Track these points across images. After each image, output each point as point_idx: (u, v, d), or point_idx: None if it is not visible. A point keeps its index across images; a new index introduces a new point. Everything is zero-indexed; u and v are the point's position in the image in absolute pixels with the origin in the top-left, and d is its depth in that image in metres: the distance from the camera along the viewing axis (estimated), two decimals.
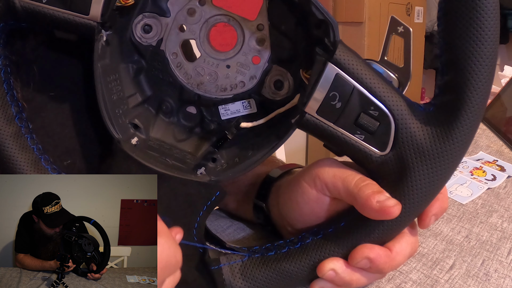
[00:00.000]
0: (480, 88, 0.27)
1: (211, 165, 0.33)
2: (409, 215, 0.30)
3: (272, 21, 0.32)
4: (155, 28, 0.33)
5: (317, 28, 0.30)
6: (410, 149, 0.28)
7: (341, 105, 0.28)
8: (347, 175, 0.31)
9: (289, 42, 0.32)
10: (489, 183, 0.61)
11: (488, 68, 0.26)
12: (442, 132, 0.28)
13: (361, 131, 0.29)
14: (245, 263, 0.32)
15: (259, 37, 0.32)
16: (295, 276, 0.32)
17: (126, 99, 0.33)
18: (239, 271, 0.32)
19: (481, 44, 0.26)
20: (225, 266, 0.32)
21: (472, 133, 0.28)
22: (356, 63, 0.28)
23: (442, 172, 0.29)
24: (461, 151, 0.28)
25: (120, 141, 0.31)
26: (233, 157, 0.33)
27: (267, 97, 0.34)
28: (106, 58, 0.31)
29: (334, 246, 0.31)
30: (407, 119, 0.28)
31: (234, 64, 0.33)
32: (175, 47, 0.33)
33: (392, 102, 0.28)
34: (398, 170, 0.29)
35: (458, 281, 0.40)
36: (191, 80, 0.34)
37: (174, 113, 0.35)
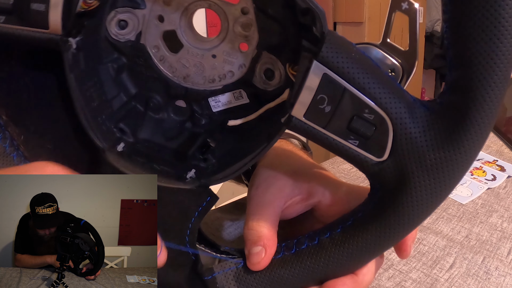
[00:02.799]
0: (496, 90, 0.23)
1: (202, 165, 0.31)
2: (408, 227, 0.27)
3: (257, 3, 0.29)
4: (131, 22, 0.30)
5: (303, 14, 0.26)
6: (410, 156, 0.25)
7: (330, 109, 0.25)
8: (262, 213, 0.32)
9: (277, 26, 0.29)
10: (489, 183, 0.61)
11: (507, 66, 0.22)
12: (448, 139, 0.24)
13: (355, 136, 0.26)
14: (239, 270, 0.31)
15: (245, 22, 0.29)
16: (289, 283, 0.31)
17: (109, 102, 0.31)
18: (233, 278, 0.31)
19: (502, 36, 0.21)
20: (219, 275, 0.31)
21: (482, 141, 0.24)
22: (347, 60, 0.24)
23: (446, 184, 0.25)
24: (468, 161, 0.25)
25: (105, 151, 0.29)
26: (224, 155, 0.32)
27: (258, 87, 0.31)
28: (80, 65, 0.28)
29: (329, 254, 0.30)
30: (407, 122, 0.25)
31: (220, 53, 0.30)
32: (155, 39, 0.30)
33: (389, 104, 0.25)
34: (397, 179, 0.26)
35: (458, 280, 0.40)
36: (176, 73, 0.31)
37: (163, 109, 0.33)
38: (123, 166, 0.30)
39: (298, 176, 0.34)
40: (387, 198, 0.27)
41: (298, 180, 0.34)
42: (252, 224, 0.32)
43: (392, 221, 0.27)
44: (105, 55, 0.31)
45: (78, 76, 0.28)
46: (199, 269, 0.31)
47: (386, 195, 0.27)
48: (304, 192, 0.34)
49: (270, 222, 0.32)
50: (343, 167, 0.67)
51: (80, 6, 0.26)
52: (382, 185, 0.27)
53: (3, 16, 0.25)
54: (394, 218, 0.27)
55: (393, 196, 0.27)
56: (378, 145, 0.25)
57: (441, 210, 0.53)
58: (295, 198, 0.34)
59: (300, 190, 0.34)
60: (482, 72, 0.22)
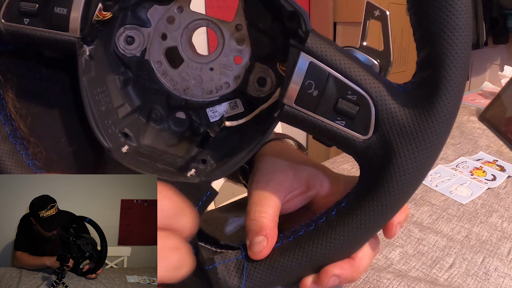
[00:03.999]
0: (458, 60, 0.26)
1: (201, 167, 0.33)
2: (399, 199, 0.29)
3: (249, 20, 0.32)
4: (138, 39, 0.34)
5: (290, 20, 0.30)
6: (393, 130, 0.28)
7: (318, 93, 0.28)
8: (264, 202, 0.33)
9: (267, 39, 0.33)
10: (489, 183, 0.61)
11: (464, 38, 0.25)
12: (424, 110, 0.27)
13: (341, 117, 0.28)
14: (239, 260, 0.32)
15: (239, 37, 0.33)
16: (290, 271, 0.31)
17: (115, 110, 0.33)
18: (234, 269, 0.32)
19: (454, 13, 0.25)
20: (220, 265, 0.32)
21: (454, 108, 0.27)
22: (329, 50, 0.28)
23: (428, 152, 0.28)
24: (445, 129, 0.27)
25: (110, 150, 0.31)
26: (222, 157, 0.33)
27: (252, 95, 0.34)
28: (91, 72, 0.31)
29: (326, 236, 0.31)
30: (386, 100, 0.28)
31: (217, 66, 0.34)
32: (159, 55, 0.34)
33: (369, 84, 0.28)
34: (383, 153, 0.28)
35: (457, 280, 0.40)
36: (177, 86, 0.34)
37: (164, 120, 0.35)
38: (128, 163, 0.31)
39: (296, 170, 0.35)
40: (376, 174, 0.29)
41: (296, 174, 0.35)
42: (254, 215, 0.33)
43: (383, 195, 0.29)
44: (113, 67, 0.34)
45: (89, 81, 0.31)
46: (200, 260, 0.32)
47: (375, 171, 0.29)
48: (302, 185, 0.35)
49: (271, 214, 0.33)
50: (343, 167, 0.67)
51: (96, 15, 0.30)
52: (370, 163, 0.29)
53: (27, 19, 0.29)
54: (384, 192, 0.29)
55: (381, 171, 0.29)
56: (363, 123, 0.28)
57: (441, 210, 0.53)
58: (294, 192, 0.35)
59: (299, 184, 0.35)
60: (444, 45, 0.25)
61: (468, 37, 0.26)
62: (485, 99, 1.08)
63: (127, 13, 0.33)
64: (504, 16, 2.28)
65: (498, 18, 2.28)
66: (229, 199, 0.72)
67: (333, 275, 0.31)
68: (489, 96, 1.07)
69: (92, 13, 0.29)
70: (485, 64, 2.61)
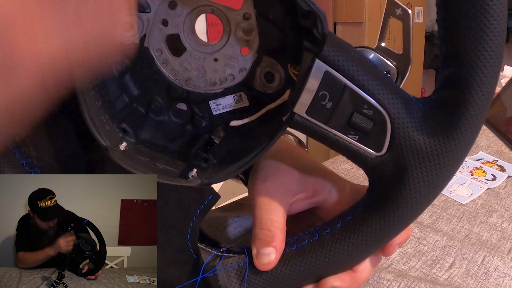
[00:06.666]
0: (486, 84, 0.24)
1: (204, 165, 0.32)
2: (407, 219, 0.29)
3: (258, 9, 0.30)
4: (136, 24, 0.31)
5: (304, 18, 0.28)
6: (408, 150, 0.27)
7: (332, 105, 0.26)
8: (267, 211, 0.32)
9: (278, 31, 0.30)
10: (489, 183, 0.61)
11: (495, 62, 0.24)
12: (443, 132, 0.26)
13: (355, 132, 0.27)
14: (241, 267, 0.32)
15: (246, 27, 0.30)
16: (291, 280, 0.31)
17: (112, 102, 0.32)
18: (235, 276, 0.32)
19: (490, 34, 0.23)
20: (221, 272, 0.31)
21: (475, 133, 0.26)
22: (347, 58, 0.26)
23: (442, 175, 0.27)
24: (462, 153, 0.26)
25: (108, 149, 0.30)
26: (225, 155, 0.32)
27: (258, 90, 0.32)
28: None
29: (330, 249, 0.30)
30: (404, 118, 0.26)
31: (221, 57, 0.31)
32: (159, 43, 0.32)
33: (387, 100, 0.26)
34: (395, 172, 0.27)
35: (457, 280, 0.40)
36: (178, 76, 0.32)
37: (164, 111, 0.33)
38: (126, 164, 0.30)
39: (303, 173, 0.34)
40: (385, 191, 0.28)
41: (303, 177, 0.34)
42: (266, 224, 0.31)
43: (391, 213, 0.28)
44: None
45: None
46: (201, 267, 0.31)
47: (385, 188, 0.28)
48: (309, 189, 0.34)
49: (282, 223, 0.32)
50: (343, 167, 0.67)
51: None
52: (380, 180, 0.28)
53: None
54: (393, 211, 0.28)
55: (391, 189, 0.28)
56: (377, 139, 0.27)
57: (441, 210, 0.53)
58: (300, 195, 0.34)
59: (305, 188, 0.34)
60: (473, 67, 0.24)
61: (499, 61, 0.24)
62: None
63: None
64: None
65: None
66: (229, 199, 0.72)
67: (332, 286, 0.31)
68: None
69: None
70: None
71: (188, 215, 0.31)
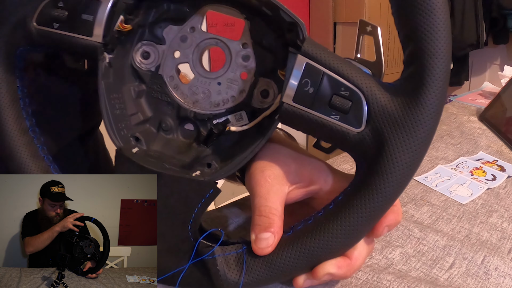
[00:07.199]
0: (439, 52, 0.28)
1: (206, 170, 0.35)
2: (394, 187, 0.30)
3: (254, 38, 0.36)
4: (153, 54, 0.37)
5: (289, 32, 0.33)
6: (384, 120, 0.30)
7: (313, 90, 0.31)
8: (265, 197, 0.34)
9: (271, 55, 0.36)
10: (489, 183, 0.61)
11: (442, 33, 0.28)
12: (412, 101, 0.29)
13: (336, 112, 0.31)
14: (239, 254, 0.33)
15: (245, 54, 0.36)
16: (289, 266, 0.32)
17: (128, 117, 0.36)
18: (234, 262, 0.33)
19: (432, 12, 0.28)
20: (220, 257, 0.33)
21: (440, 98, 0.29)
22: (323, 52, 0.31)
23: (417, 140, 0.30)
24: (432, 117, 0.29)
25: (121, 149, 0.34)
26: (225, 161, 0.35)
27: (256, 107, 0.37)
28: (109, 78, 0.34)
29: (325, 229, 0.32)
30: (376, 94, 0.30)
31: (224, 80, 0.37)
32: (171, 71, 0.37)
33: (360, 81, 0.30)
34: (376, 144, 0.30)
35: (457, 280, 0.40)
36: (187, 99, 0.37)
37: (174, 130, 0.38)
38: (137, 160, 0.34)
39: (298, 164, 0.36)
40: (369, 166, 0.31)
41: (299, 168, 0.36)
42: (265, 211, 0.33)
43: (377, 187, 0.30)
44: (128, 79, 0.37)
45: (107, 85, 0.34)
46: (200, 250, 0.33)
47: (369, 163, 0.31)
48: (305, 179, 0.36)
49: (281, 211, 0.34)
50: (343, 167, 0.67)
51: (118, 25, 0.34)
52: (364, 155, 0.31)
53: (57, 24, 0.32)
54: (379, 181, 0.30)
55: (374, 162, 0.30)
56: (356, 116, 0.31)
57: (441, 210, 0.53)
58: (296, 185, 0.35)
59: (301, 177, 0.36)
60: (425, 40, 0.28)
61: (447, 31, 0.29)
62: (485, 99, 1.08)
63: (145, 30, 0.37)
64: (504, 16, 2.28)
65: (498, 18, 2.28)
66: (229, 199, 0.72)
67: (327, 273, 0.32)
68: (489, 96, 1.07)
69: (114, 23, 0.33)
70: (485, 64, 2.61)
71: (190, 206, 0.33)
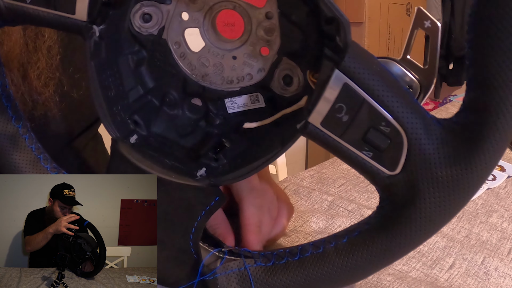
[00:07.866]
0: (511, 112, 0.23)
1: (213, 165, 0.32)
2: (415, 242, 0.28)
3: (282, 9, 0.29)
4: (155, 16, 0.30)
5: (327, 23, 0.26)
6: (423, 172, 0.25)
7: (348, 119, 0.25)
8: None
9: (300, 33, 0.29)
10: (489, 183, 0.61)
11: None
12: (461, 157, 0.24)
13: (370, 148, 0.26)
14: (241, 272, 0.31)
15: (268, 27, 0.30)
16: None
17: (126, 93, 0.31)
18: (235, 280, 0.31)
19: None
20: (221, 276, 0.31)
21: (495, 161, 0.24)
22: (368, 72, 0.25)
23: (456, 202, 0.26)
24: (479, 180, 0.25)
25: (118, 141, 0.30)
26: (235, 157, 0.32)
27: (276, 92, 0.31)
28: (101, 54, 0.29)
29: (333, 264, 0.29)
30: (422, 139, 0.25)
31: (241, 55, 0.31)
32: (178, 36, 0.31)
33: (406, 118, 0.25)
34: (407, 193, 0.26)
35: (458, 280, 0.40)
36: (195, 71, 0.32)
37: (179, 105, 0.33)
38: (134, 158, 0.30)
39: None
40: (395, 212, 0.27)
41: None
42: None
43: (399, 235, 0.27)
44: (126, 46, 0.31)
45: (98, 64, 0.29)
46: (201, 269, 0.31)
47: (395, 208, 0.27)
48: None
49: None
50: (343, 167, 0.67)
51: None
52: (391, 199, 0.27)
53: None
54: (401, 233, 0.27)
55: (402, 210, 0.27)
56: (392, 158, 0.26)
57: None
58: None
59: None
60: (501, 94, 0.23)
61: None
62: None
63: None
64: None
65: None
66: None
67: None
68: None
69: None
70: None
71: (192, 215, 0.30)
